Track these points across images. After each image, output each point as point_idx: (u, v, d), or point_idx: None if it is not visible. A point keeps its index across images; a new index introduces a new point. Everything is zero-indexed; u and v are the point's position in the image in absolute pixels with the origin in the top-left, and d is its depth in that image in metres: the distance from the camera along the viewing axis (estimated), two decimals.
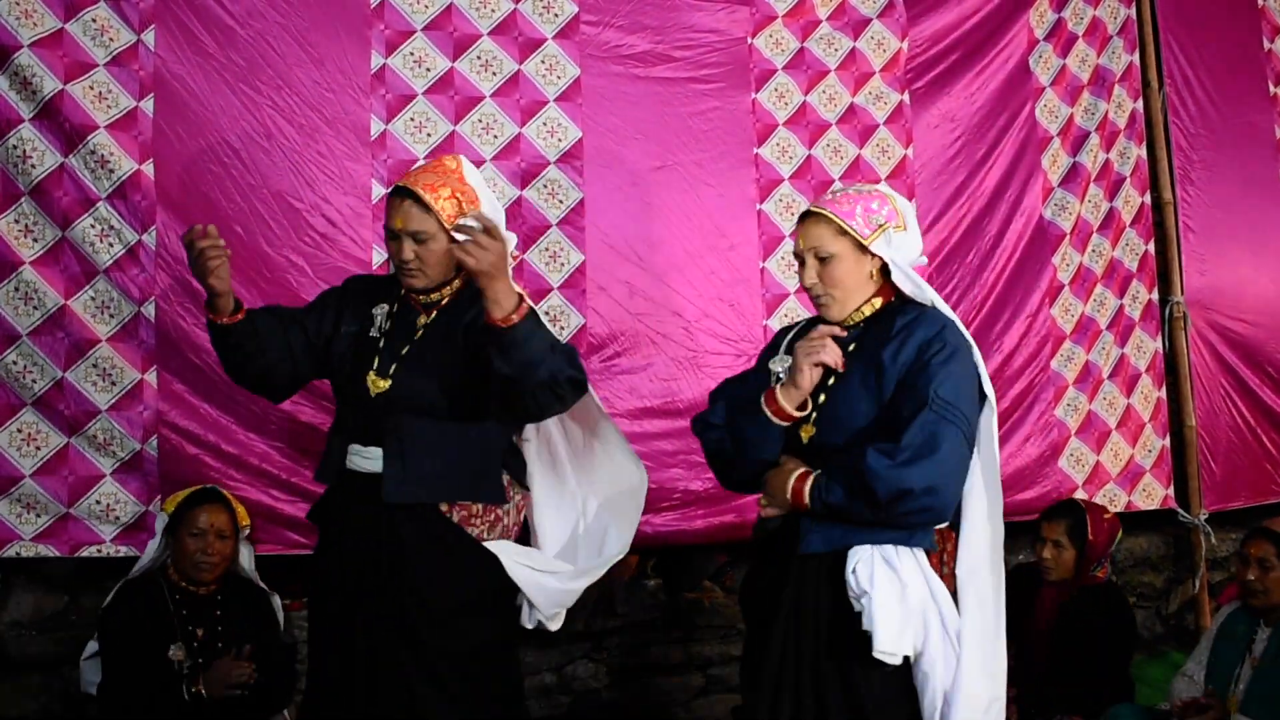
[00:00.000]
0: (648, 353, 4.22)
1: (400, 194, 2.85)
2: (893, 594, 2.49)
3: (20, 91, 3.57)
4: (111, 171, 3.65)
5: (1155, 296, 5.12)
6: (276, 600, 3.63)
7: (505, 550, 2.94)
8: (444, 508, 2.87)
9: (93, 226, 3.65)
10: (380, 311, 2.99)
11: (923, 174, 4.63)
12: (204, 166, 3.77)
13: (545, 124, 4.18)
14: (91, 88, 3.64)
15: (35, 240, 3.62)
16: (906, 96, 4.66)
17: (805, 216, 2.71)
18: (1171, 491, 5.03)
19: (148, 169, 3.70)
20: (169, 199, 3.72)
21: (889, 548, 2.55)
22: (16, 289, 3.61)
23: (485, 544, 2.91)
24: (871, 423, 2.57)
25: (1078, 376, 4.84)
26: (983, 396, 2.62)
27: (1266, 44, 5.45)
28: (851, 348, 2.67)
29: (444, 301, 2.95)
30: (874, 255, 2.65)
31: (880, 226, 2.63)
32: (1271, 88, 5.42)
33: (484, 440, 2.92)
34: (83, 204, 3.64)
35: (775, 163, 4.45)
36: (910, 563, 2.55)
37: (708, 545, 4.48)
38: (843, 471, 2.52)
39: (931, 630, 2.53)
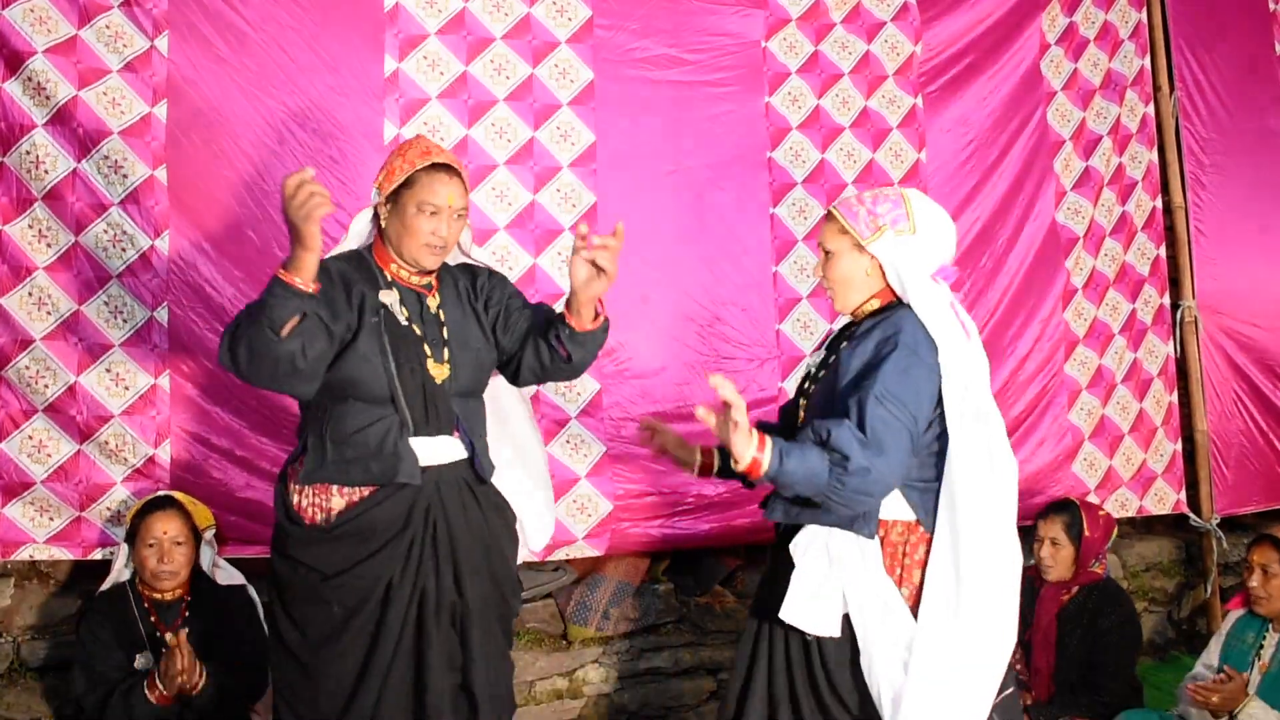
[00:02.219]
0: (660, 357, 4.22)
1: (447, 170, 2.82)
2: (815, 570, 2.59)
3: (34, 97, 3.57)
4: (125, 177, 3.64)
5: (1167, 300, 5.11)
6: (253, 594, 3.62)
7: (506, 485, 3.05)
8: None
9: (105, 232, 3.64)
10: (392, 299, 2.88)
11: (936, 178, 4.62)
12: (217, 171, 3.77)
13: (559, 128, 4.17)
14: (105, 94, 3.64)
15: (49, 245, 3.62)
16: (919, 100, 4.65)
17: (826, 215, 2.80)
18: (1183, 496, 5.03)
19: (160, 174, 3.69)
20: (182, 204, 3.72)
21: (835, 530, 2.59)
22: (30, 294, 3.61)
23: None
24: None
25: (1091, 380, 4.84)
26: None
27: (1278, 47, 5.44)
28: (844, 345, 2.74)
29: (432, 284, 2.94)
30: (872, 255, 2.68)
31: (879, 228, 2.67)
32: None
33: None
34: (95, 209, 3.63)
35: (788, 166, 4.44)
36: (851, 549, 2.59)
37: (719, 549, 4.48)
38: (808, 442, 2.52)
39: (870, 621, 2.56)
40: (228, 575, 3.64)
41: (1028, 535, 4.19)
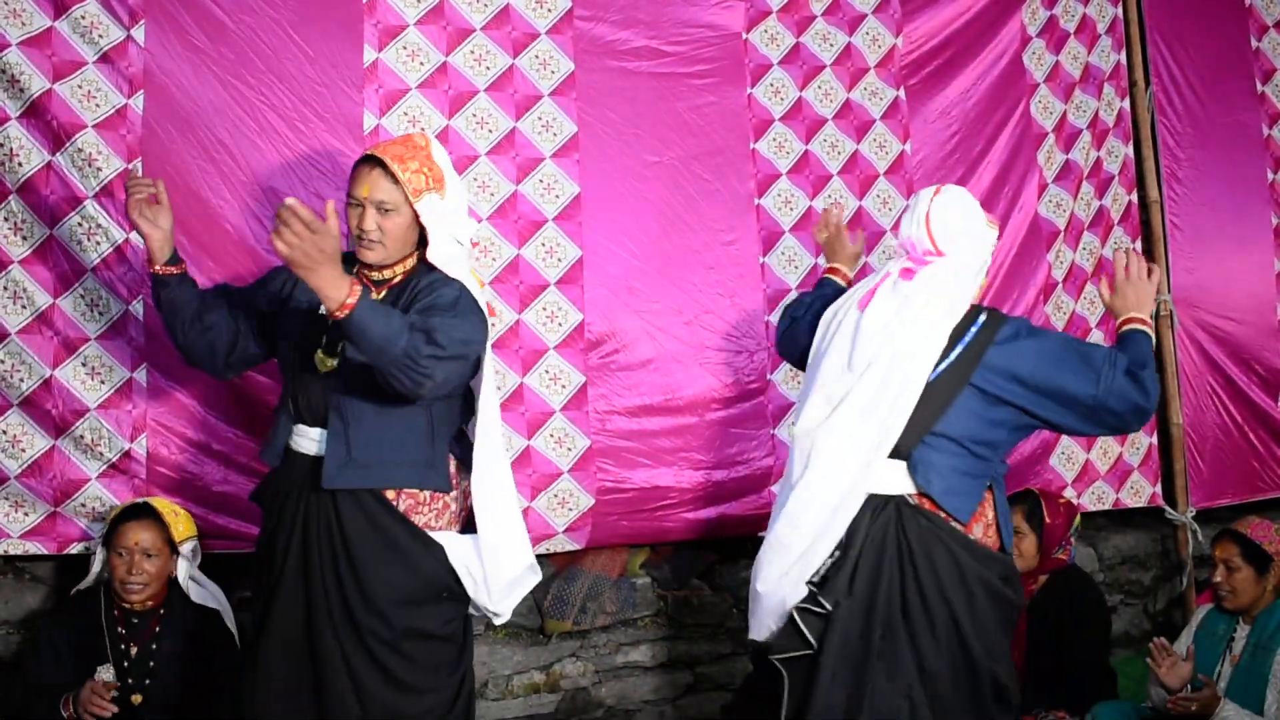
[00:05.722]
0: (647, 349, 4.20)
1: (369, 162, 2.84)
2: None
3: (7, 90, 3.49)
4: (99, 170, 3.57)
5: None
6: (228, 615, 3.56)
7: (451, 542, 2.92)
8: (391, 494, 2.84)
9: (80, 225, 3.57)
10: None
11: (921, 169, 4.63)
12: (194, 163, 3.70)
13: (540, 119, 4.13)
14: (80, 86, 3.57)
15: (24, 239, 3.55)
16: (902, 92, 4.65)
17: None
18: (1159, 489, 5.06)
19: (136, 167, 3.62)
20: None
21: None
22: (5, 288, 3.54)
23: (432, 533, 2.89)
24: None
25: None
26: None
27: (1254, 43, 5.47)
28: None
29: (395, 280, 2.92)
30: None
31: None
32: (1259, 86, 5.45)
33: (432, 425, 2.89)
34: (70, 202, 3.56)
35: (773, 158, 4.43)
36: None
37: (697, 542, 4.47)
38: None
39: None
40: (204, 593, 3.55)
41: None
